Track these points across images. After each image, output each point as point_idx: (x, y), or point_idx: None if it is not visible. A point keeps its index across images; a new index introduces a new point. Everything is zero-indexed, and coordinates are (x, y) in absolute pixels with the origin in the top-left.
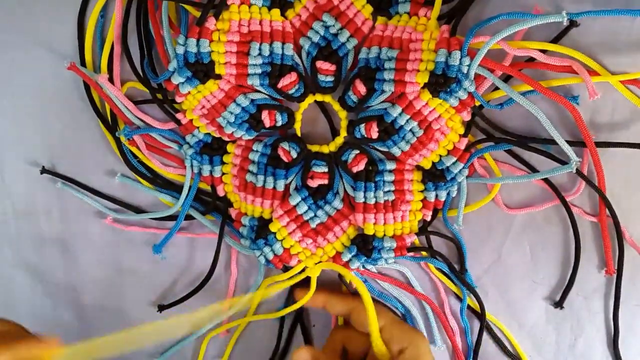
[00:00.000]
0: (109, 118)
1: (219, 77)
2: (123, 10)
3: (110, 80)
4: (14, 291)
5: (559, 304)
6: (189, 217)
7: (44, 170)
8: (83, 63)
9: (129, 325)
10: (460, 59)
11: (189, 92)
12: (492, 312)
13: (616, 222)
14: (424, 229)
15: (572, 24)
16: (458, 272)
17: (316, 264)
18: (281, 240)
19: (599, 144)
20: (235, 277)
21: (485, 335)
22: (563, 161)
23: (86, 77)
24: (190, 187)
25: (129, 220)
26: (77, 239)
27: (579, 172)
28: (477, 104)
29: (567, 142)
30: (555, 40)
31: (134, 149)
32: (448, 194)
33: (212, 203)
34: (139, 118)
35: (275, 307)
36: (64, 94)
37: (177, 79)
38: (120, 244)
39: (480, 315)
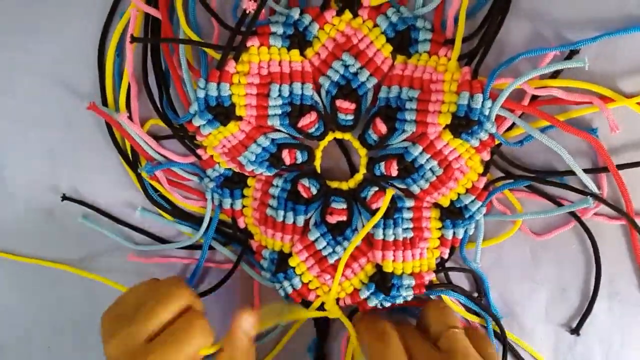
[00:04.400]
0: (130, 154)
1: (239, 118)
2: (136, 51)
3: (130, 117)
4: (15, 291)
5: (575, 331)
6: (209, 248)
7: (65, 197)
8: (105, 101)
9: None
10: (483, 102)
11: (210, 133)
12: None
13: None
14: (441, 265)
15: (572, 52)
16: (480, 302)
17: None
18: (300, 275)
19: (621, 167)
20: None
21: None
22: (582, 191)
23: (106, 116)
24: (211, 218)
25: (150, 252)
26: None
27: (603, 201)
28: (497, 142)
29: (586, 170)
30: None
31: (154, 184)
32: (465, 231)
33: (232, 234)
34: (160, 154)
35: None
36: (83, 131)
37: (198, 122)
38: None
39: (503, 345)
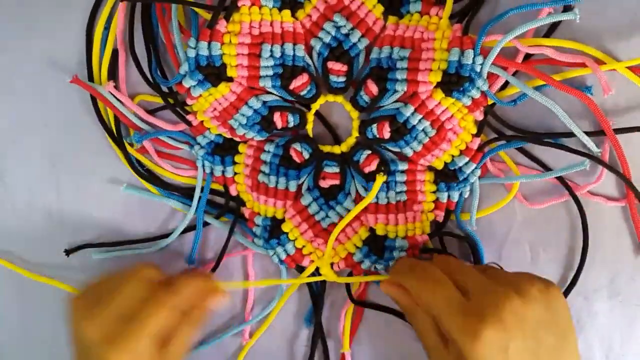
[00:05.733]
0: (114, 128)
1: (230, 79)
2: (125, 16)
3: (117, 87)
4: (15, 288)
5: None
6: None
7: (68, 252)
8: (91, 76)
9: None
10: (474, 58)
11: (201, 95)
12: None
13: None
14: (437, 230)
15: (566, 8)
16: None
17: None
18: (293, 241)
19: (618, 131)
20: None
21: None
22: (580, 152)
23: (90, 89)
24: (202, 187)
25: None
26: None
27: (601, 162)
28: (490, 102)
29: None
30: (554, 27)
31: (141, 158)
32: (460, 194)
33: (225, 204)
34: (148, 123)
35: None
36: (68, 107)
37: (188, 82)
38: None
39: None
